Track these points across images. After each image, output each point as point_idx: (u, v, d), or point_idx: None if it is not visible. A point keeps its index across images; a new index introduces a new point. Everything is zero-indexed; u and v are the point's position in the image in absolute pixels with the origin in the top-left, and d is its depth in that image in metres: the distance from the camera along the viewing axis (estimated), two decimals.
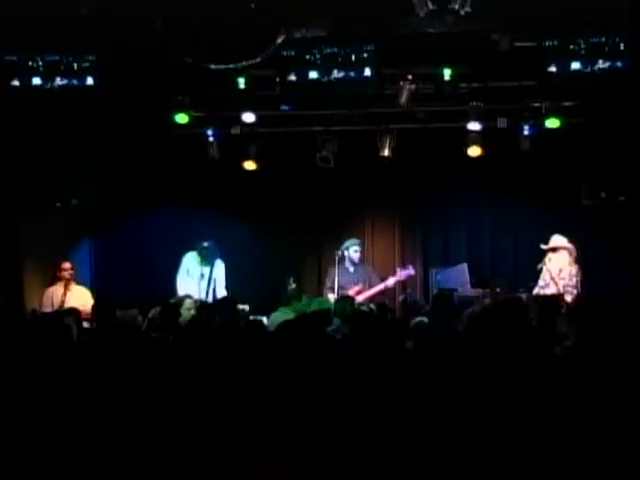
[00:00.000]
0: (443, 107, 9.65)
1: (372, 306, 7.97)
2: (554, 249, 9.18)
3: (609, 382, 4.04)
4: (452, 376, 4.34)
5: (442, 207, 11.10)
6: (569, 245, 9.21)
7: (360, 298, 9.33)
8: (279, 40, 7.79)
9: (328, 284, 9.73)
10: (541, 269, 9.15)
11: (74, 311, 6.83)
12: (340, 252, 9.76)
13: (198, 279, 9.74)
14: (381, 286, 9.68)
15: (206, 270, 9.76)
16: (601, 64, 7.84)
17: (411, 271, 9.95)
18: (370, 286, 9.64)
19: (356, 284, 9.60)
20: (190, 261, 10.07)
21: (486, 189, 10.78)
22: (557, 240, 9.23)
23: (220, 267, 10.00)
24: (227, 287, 10.02)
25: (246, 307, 8.73)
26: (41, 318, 7.12)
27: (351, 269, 9.75)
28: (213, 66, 8.17)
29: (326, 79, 8.20)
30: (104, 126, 9.87)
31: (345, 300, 8.17)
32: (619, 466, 3.50)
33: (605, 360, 4.38)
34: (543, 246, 9.18)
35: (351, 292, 9.29)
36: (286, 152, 10.46)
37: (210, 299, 9.40)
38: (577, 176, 10.18)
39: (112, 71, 8.36)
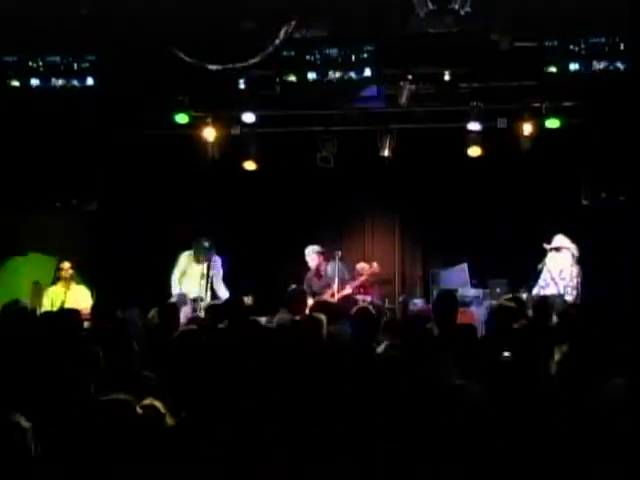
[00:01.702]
0: (443, 107, 9.65)
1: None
2: (557, 249, 9.17)
3: (609, 382, 4.05)
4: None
5: (442, 207, 11.09)
6: (572, 245, 9.20)
7: (336, 298, 9.27)
8: (279, 40, 7.79)
9: (305, 289, 9.62)
10: (541, 269, 9.14)
11: (74, 311, 6.82)
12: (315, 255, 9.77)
13: (197, 277, 9.71)
14: (349, 289, 9.62)
15: (204, 268, 9.72)
16: (601, 64, 7.84)
17: (375, 269, 9.90)
18: (343, 283, 9.57)
19: (329, 287, 9.53)
20: (186, 260, 10.03)
21: (486, 189, 10.78)
22: (560, 240, 9.22)
23: (217, 263, 9.96)
24: (225, 282, 9.97)
25: (249, 299, 8.65)
26: (41, 318, 7.11)
27: (321, 273, 9.70)
28: (213, 66, 8.17)
29: (326, 79, 8.20)
30: (104, 126, 9.87)
31: (346, 300, 8.17)
32: (619, 466, 3.50)
33: (605, 360, 4.39)
34: (546, 246, 9.17)
35: (326, 296, 9.21)
36: (286, 152, 10.46)
37: (208, 296, 9.38)
38: (577, 176, 10.18)
39: (112, 71, 8.37)
